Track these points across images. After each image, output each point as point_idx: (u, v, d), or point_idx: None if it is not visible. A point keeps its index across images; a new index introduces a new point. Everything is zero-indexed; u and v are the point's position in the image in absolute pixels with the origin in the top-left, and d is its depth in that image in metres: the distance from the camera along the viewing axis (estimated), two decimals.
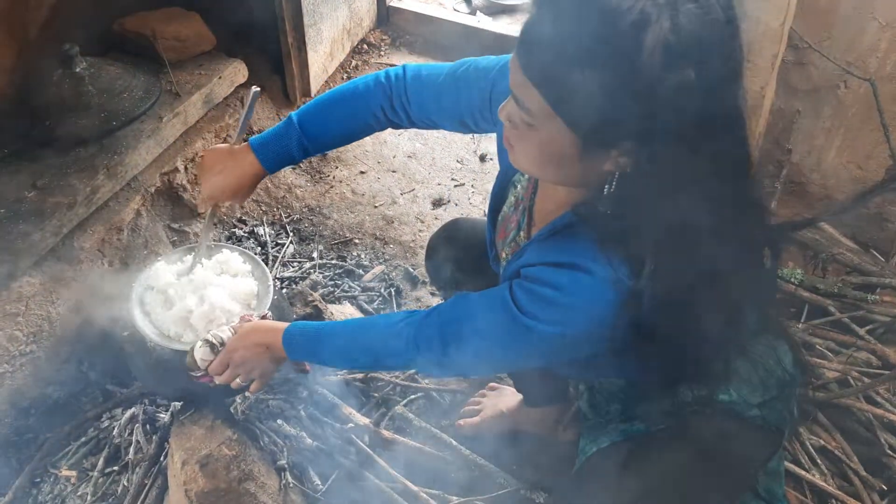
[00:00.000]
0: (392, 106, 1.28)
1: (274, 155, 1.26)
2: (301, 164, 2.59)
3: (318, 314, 1.83)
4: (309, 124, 1.26)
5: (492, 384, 1.83)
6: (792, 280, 1.88)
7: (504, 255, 1.21)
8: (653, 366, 1.05)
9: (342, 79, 2.96)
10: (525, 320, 0.96)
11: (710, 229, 0.85)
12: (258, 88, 1.33)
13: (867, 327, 1.81)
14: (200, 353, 1.24)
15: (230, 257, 1.51)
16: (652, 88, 0.78)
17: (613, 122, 0.82)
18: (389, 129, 2.86)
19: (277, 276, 2.16)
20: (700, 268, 0.88)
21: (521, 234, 1.16)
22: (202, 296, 1.39)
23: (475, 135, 2.76)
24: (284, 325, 1.22)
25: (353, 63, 3.04)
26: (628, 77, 0.78)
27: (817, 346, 1.80)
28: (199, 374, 1.29)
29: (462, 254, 1.47)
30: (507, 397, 1.76)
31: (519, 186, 1.20)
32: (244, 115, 1.32)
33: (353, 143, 2.66)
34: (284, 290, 2.03)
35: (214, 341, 1.25)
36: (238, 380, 1.27)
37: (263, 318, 1.39)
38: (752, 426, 1.09)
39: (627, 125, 0.82)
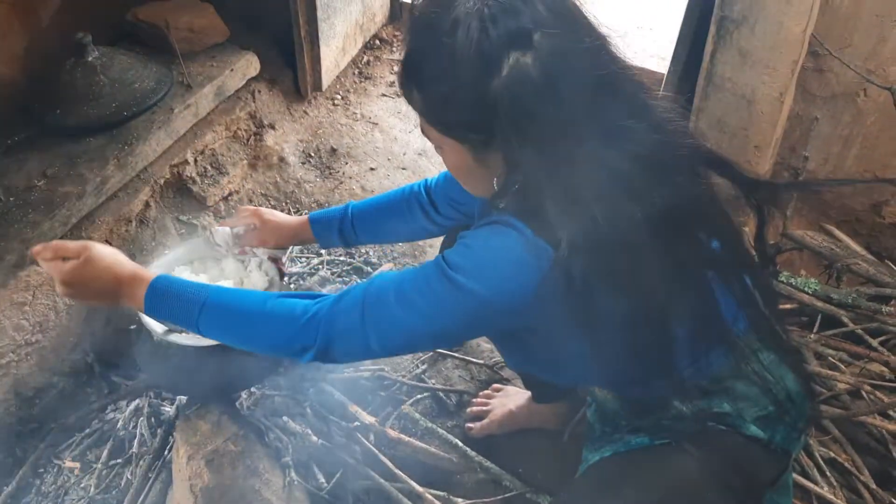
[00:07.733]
0: (432, 220, 1.41)
1: (321, 233, 1.48)
2: (311, 159, 2.57)
3: None
4: (359, 226, 1.46)
5: (496, 385, 1.81)
6: (806, 289, 1.86)
7: None
8: (631, 373, 1.03)
9: (353, 75, 2.94)
10: (450, 273, 0.93)
11: (615, 200, 0.86)
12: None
13: (880, 338, 1.79)
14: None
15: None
16: (480, 80, 0.85)
17: (470, 122, 0.89)
18: (399, 126, 2.83)
19: (285, 271, 2.14)
20: (621, 239, 0.86)
21: None
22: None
23: None
24: (146, 275, 1.10)
25: (365, 59, 3.02)
26: (456, 75, 0.87)
27: (830, 357, 1.77)
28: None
29: None
30: (514, 396, 1.74)
31: None
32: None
33: (364, 140, 2.67)
34: (293, 286, 2.02)
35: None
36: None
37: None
38: (757, 444, 1.07)
39: (479, 120, 0.88)
